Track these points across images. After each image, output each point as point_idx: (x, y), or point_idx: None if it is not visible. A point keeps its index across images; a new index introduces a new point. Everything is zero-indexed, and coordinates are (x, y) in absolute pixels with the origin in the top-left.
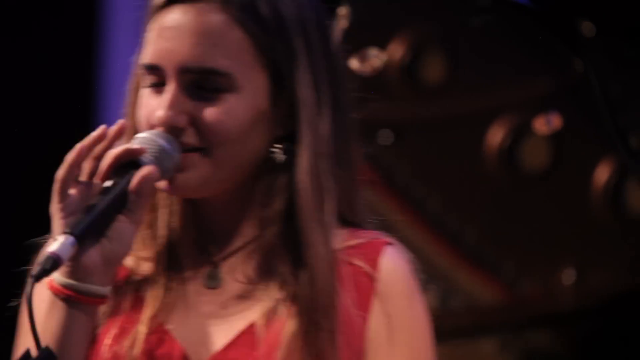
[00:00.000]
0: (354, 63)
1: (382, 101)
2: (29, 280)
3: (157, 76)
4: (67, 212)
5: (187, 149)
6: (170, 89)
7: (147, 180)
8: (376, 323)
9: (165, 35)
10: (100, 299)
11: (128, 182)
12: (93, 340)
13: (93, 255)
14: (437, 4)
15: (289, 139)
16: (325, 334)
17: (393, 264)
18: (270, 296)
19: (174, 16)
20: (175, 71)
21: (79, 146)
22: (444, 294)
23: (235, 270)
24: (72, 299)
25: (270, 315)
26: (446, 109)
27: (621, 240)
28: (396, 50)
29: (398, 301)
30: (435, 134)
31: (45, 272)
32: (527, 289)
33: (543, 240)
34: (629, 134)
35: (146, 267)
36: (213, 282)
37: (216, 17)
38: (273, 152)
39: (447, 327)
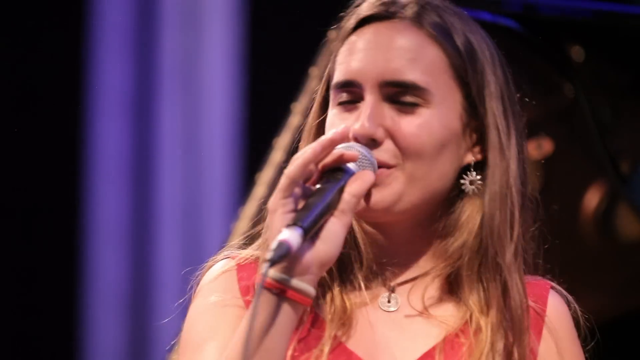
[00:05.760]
0: None
1: None
2: (265, 265)
3: (352, 93)
4: (289, 208)
5: (382, 165)
6: (369, 102)
7: (367, 185)
8: (547, 355)
9: (361, 53)
10: (309, 298)
11: (343, 184)
12: None
13: (308, 254)
14: None
15: (475, 169)
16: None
17: (560, 305)
18: (447, 323)
19: (368, 36)
20: (375, 85)
21: (312, 148)
22: None
23: (412, 296)
24: (284, 295)
25: (450, 341)
26: None
27: (611, 266)
28: None
29: (563, 336)
30: None
31: (280, 258)
32: None
33: (532, 265)
34: (619, 158)
35: (322, 284)
36: (390, 305)
37: (412, 34)
38: (463, 182)
39: None
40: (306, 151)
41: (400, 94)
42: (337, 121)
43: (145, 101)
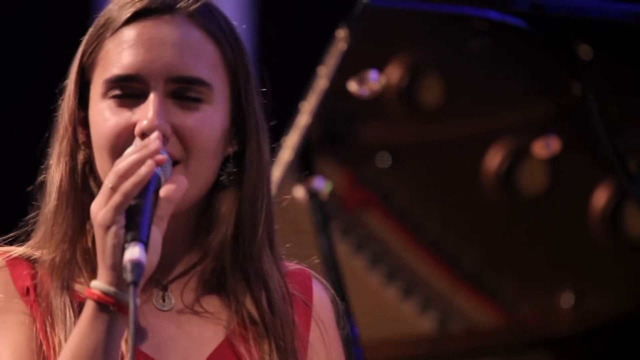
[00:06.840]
0: (353, 85)
1: (380, 124)
2: (131, 287)
3: (130, 88)
4: (122, 224)
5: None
6: (155, 98)
7: (183, 190)
8: (316, 344)
9: (143, 47)
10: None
11: (155, 190)
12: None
13: None
14: (434, 27)
15: (234, 160)
16: (290, 350)
17: (323, 294)
18: (221, 320)
19: (148, 29)
20: (161, 80)
21: (148, 165)
22: (443, 317)
23: (184, 293)
24: (115, 308)
25: (233, 337)
26: (444, 131)
27: (619, 264)
28: (394, 73)
29: (328, 325)
30: (434, 156)
31: (139, 277)
32: (525, 313)
33: (541, 263)
34: (627, 157)
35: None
36: (165, 304)
37: (192, 29)
38: (222, 174)
39: (445, 350)
40: (140, 168)
41: (185, 90)
42: (111, 116)
43: None
